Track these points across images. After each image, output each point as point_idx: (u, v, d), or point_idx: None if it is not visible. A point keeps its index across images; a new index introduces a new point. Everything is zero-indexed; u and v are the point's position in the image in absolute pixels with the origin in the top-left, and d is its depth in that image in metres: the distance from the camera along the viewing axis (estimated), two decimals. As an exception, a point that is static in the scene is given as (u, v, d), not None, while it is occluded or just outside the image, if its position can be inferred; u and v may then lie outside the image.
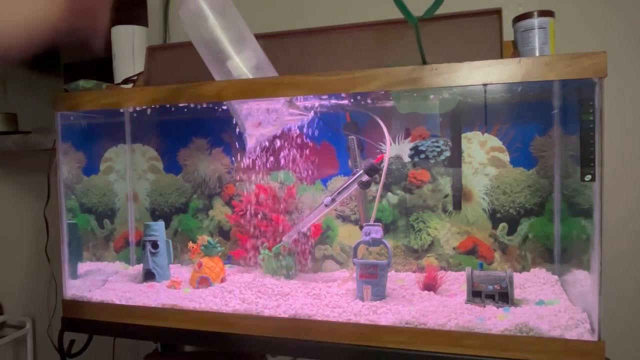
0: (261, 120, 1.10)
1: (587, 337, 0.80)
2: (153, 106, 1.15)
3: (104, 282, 1.22)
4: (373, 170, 1.08)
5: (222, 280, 1.16)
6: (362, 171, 1.08)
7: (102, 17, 0.72)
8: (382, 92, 1.06)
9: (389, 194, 1.22)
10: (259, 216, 1.25)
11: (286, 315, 0.94)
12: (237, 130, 1.19)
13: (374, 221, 1.10)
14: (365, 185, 1.14)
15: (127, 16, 1.36)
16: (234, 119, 1.15)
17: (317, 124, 1.23)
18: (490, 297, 0.94)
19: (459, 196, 1.17)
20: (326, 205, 1.11)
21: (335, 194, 1.10)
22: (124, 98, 1.05)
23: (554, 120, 1.11)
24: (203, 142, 1.37)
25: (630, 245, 1.16)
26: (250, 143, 1.16)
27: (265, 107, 1.09)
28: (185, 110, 1.17)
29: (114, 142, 1.42)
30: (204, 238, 1.24)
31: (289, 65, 1.13)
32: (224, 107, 1.17)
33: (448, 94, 1.10)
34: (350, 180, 1.10)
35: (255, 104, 1.09)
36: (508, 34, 1.03)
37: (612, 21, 1.16)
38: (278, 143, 1.26)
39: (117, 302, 1.08)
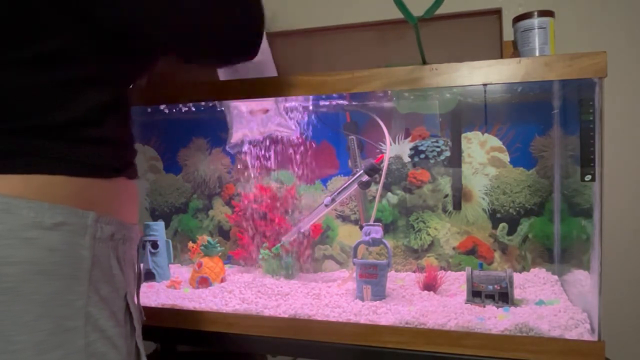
0: (250, 122, 1.11)
1: (587, 337, 0.80)
2: (153, 105, 1.15)
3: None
4: (373, 171, 1.08)
5: (222, 280, 1.16)
6: (362, 171, 1.08)
7: None
8: (382, 93, 1.06)
9: (389, 194, 1.22)
10: (257, 215, 1.25)
11: (286, 315, 0.94)
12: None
13: (374, 221, 1.11)
14: (365, 186, 1.14)
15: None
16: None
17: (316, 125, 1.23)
18: (490, 297, 0.94)
19: (459, 196, 1.17)
20: (326, 206, 1.11)
21: (335, 194, 1.10)
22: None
23: (554, 121, 1.11)
24: (203, 142, 1.37)
25: (630, 245, 1.16)
26: (233, 139, 1.16)
27: (259, 111, 1.10)
28: (186, 109, 1.17)
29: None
30: (204, 238, 1.24)
31: (289, 65, 1.13)
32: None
33: (448, 94, 1.11)
34: (350, 181, 1.10)
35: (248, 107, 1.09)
36: (508, 34, 1.03)
37: (612, 21, 1.15)
38: (278, 143, 1.26)
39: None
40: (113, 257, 0.57)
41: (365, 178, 1.09)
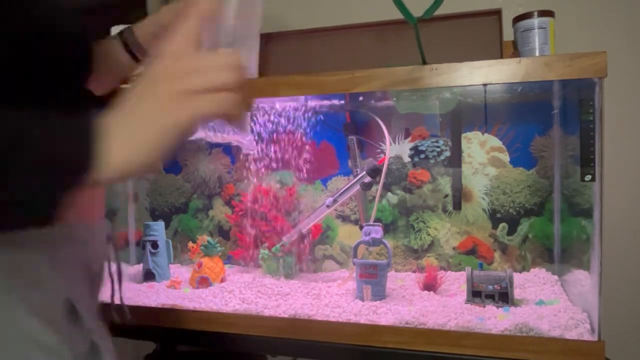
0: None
1: (587, 337, 0.80)
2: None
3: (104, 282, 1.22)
4: (375, 172, 1.08)
5: (222, 280, 1.16)
6: (364, 172, 1.08)
7: None
8: (382, 92, 1.06)
9: (389, 194, 1.22)
10: (256, 215, 1.25)
11: (286, 315, 0.94)
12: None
13: (374, 221, 1.11)
14: (367, 187, 1.14)
15: (126, 16, 1.36)
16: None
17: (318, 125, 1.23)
18: (490, 297, 0.94)
19: (459, 196, 1.17)
20: (327, 207, 1.11)
21: (337, 195, 1.10)
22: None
23: (554, 121, 1.11)
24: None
25: (630, 245, 1.16)
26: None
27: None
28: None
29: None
30: (204, 238, 1.24)
31: (290, 65, 1.13)
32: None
33: (448, 94, 1.11)
34: (353, 182, 1.10)
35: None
36: (508, 34, 1.03)
37: (612, 21, 1.16)
38: (279, 143, 1.26)
39: (117, 302, 1.08)
40: (43, 260, 0.49)
41: (368, 179, 1.09)
